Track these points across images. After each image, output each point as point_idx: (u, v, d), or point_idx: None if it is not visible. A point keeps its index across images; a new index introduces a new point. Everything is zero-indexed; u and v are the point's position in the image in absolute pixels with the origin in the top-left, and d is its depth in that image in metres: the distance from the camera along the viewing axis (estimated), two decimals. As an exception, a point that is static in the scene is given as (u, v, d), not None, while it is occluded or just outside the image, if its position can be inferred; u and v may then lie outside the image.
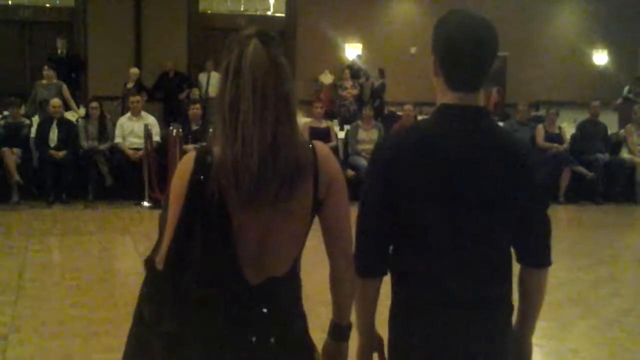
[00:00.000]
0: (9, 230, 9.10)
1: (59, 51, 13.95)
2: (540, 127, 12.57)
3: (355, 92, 14.96)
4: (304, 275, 2.32)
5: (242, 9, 17.29)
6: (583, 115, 13.32)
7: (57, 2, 16.35)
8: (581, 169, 12.03)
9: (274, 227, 2.17)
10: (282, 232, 2.19)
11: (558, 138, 12.46)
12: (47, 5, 16.29)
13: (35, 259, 7.63)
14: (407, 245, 2.29)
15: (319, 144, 2.25)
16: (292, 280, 2.27)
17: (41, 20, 16.11)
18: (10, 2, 16.11)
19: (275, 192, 2.10)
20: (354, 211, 2.22)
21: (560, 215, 11.49)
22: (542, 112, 14.72)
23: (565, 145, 12.38)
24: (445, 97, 2.28)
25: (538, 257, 2.39)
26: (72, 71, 13.94)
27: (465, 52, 2.22)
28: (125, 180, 10.83)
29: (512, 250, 2.38)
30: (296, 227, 2.21)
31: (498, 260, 2.31)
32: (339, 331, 2.37)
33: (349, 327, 2.36)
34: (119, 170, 10.88)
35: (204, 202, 2.11)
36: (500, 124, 13.21)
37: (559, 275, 7.57)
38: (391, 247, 2.33)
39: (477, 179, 2.23)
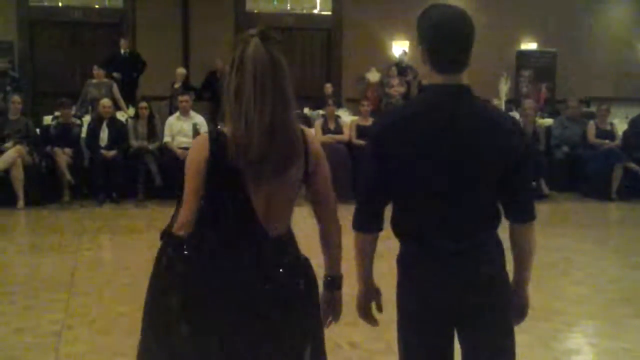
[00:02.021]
0: (61, 229, 9.22)
1: (122, 50, 14.13)
2: (591, 123, 12.40)
3: (402, 89, 14.88)
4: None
5: (288, 7, 17.30)
6: (635, 111, 13.08)
7: (106, 3, 16.54)
8: (633, 166, 11.81)
9: (274, 194, 2.60)
10: (281, 198, 2.64)
11: (609, 134, 12.27)
12: (96, 6, 16.48)
13: (87, 257, 7.73)
14: (399, 207, 2.72)
15: (305, 129, 2.71)
16: (291, 233, 2.75)
17: (90, 21, 16.31)
18: (60, 4, 16.34)
19: (275, 165, 2.53)
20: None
21: (612, 213, 11.33)
22: (593, 108, 14.48)
23: (617, 142, 12.17)
24: (433, 80, 2.66)
25: (523, 213, 2.74)
26: (134, 70, 14.12)
27: (447, 40, 2.60)
28: (174, 179, 10.90)
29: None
30: (291, 193, 2.67)
31: (477, 216, 2.68)
32: (332, 282, 2.84)
33: (340, 277, 2.85)
34: (168, 169, 10.96)
35: (224, 173, 2.53)
36: (550, 120, 13.15)
37: (611, 273, 7.46)
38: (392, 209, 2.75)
39: (456, 144, 2.57)
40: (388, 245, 2.90)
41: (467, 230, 2.66)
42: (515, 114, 13.61)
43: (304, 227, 2.90)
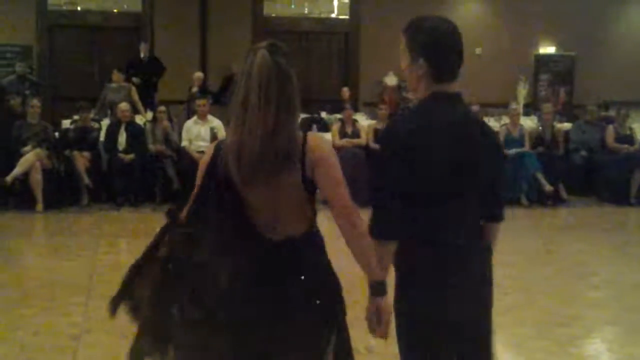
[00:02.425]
0: (79, 233, 9.27)
1: (142, 55, 14.20)
2: (610, 128, 12.34)
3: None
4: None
5: (305, 11, 17.32)
6: (654, 116, 13.01)
7: (125, 7, 16.62)
8: (652, 171, 11.75)
9: (275, 199, 2.70)
10: (286, 202, 2.71)
11: (629, 139, 12.21)
12: (115, 10, 16.56)
13: (105, 261, 7.76)
14: (414, 211, 2.73)
15: (311, 135, 2.76)
16: (311, 236, 2.80)
17: (109, 25, 16.40)
18: (79, 8, 16.42)
19: (267, 169, 2.62)
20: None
21: (631, 218, 11.27)
22: (612, 112, 14.40)
23: (636, 146, 12.11)
24: (431, 89, 2.80)
25: (499, 213, 2.96)
26: (153, 75, 14.18)
27: (450, 51, 2.82)
28: (191, 183, 10.89)
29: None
30: (295, 198, 2.72)
31: (477, 215, 2.88)
32: (370, 289, 2.74)
33: (377, 283, 2.73)
34: (185, 173, 10.99)
35: (218, 178, 2.71)
36: (569, 124, 13.09)
37: (630, 278, 7.42)
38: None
39: (465, 147, 2.76)
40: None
41: (473, 231, 2.87)
42: (533, 118, 13.59)
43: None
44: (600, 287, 6.96)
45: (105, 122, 11.93)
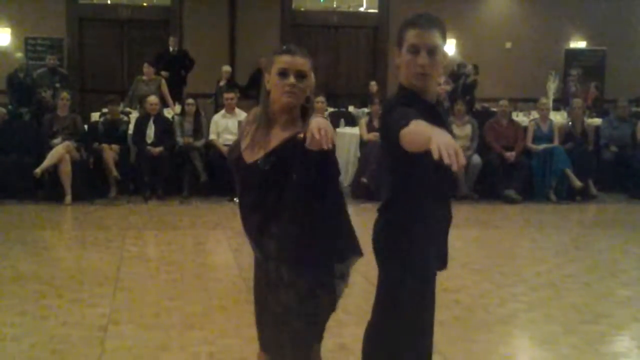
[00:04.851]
0: (107, 225, 9.31)
1: (171, 48, 14.26)
2: (641, 123, 12.21)
3: (448, 88, 14.78)
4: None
5: (334, 5, 17.32)
6: (686, 111, 12.85)
7: (154, 1, 16.70)
8: (684, 167, 11.60)
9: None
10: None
11: (660, 134, 12.07)
12: (144, 4, 16.65)
13: (132, 253, 7.79)
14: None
15: None
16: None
17: (139, 19, 16.49)
18: (109, 2, 16.54)
19: None
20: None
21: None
22: (643, 107, 14.27)
23: (668, 142, 11.98)
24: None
25: None
26: (182, 68, 14.24)
27: None
28: (219, 176, 10.96)
29: None
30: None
31: None
32: None
33: None
34: (213, 166, 11.03)
35: None
36: (599, 120, 12.96)
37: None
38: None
39: None
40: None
41: None
42: (563, 113, 13.47)
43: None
44: (630, 284, 6.88)
45: (135, 115, 11.99)
